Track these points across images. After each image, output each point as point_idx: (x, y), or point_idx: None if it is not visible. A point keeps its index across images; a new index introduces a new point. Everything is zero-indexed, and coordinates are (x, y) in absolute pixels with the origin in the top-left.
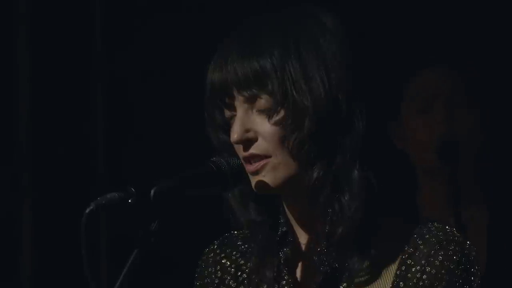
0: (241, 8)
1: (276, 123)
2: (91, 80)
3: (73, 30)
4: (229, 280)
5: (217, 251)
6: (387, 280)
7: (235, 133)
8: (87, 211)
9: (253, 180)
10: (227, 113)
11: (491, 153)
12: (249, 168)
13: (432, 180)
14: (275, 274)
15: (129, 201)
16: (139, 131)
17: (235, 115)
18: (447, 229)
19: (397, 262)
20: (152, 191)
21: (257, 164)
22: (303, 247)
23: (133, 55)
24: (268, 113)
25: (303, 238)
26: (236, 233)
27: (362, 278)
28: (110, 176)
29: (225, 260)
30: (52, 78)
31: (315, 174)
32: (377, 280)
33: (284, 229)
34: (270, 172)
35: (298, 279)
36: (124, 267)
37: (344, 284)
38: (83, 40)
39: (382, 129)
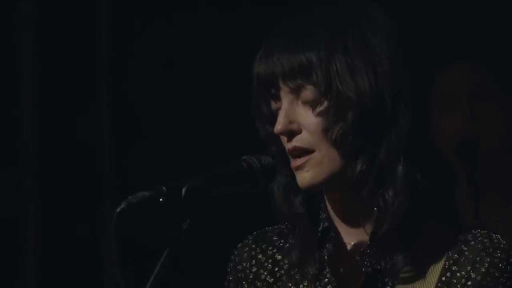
0: (246, 9)
1: (319, 114)
2: (96, 83)
3: (78, 33)
4: (266, 275)
5: (252, 246)
6: (430, 284)
7: (279, 124)
8: (118, 210)
9: (298, 176)
10: (274, 105)
11: None
12: (293, 163)
13: (460, 177)
14: (317, 271)
15: (160, 200)
16: (144, 134)
17: (281, 107)
18: (493, 236)
19: (440, 267)
20: (183, 190)
21: (300, 159)
22: (345, 244)
23: (138, 57)
24: (312, 104)
25: (345, 234)
26: (271, 229)
27: (405, 281)
28: (116, 179)
29: (261, 255)
30: (56, 81)
31: (358, 168)
32: (420, 283)
33: (326, 224)
34: (314, 167)
35: (340, 277)
36: (156, 266)
37: (387, 287)
38: (88, 42)
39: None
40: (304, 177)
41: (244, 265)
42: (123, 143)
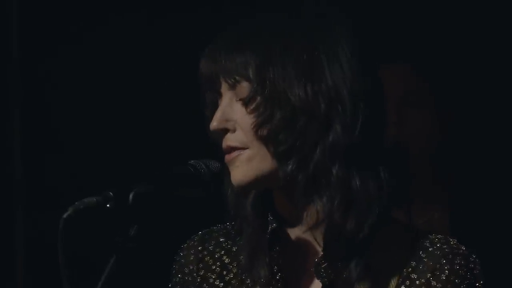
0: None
1: (252, 111)
2: (8, 85)
3: None
4: (215, 279)
5: (199, 248)
6: None
7: (214, 121)
8: (64, 216)
9: (230, 172)
10: (219, 103)
11: (450, 153)
12: (226, 158)
13: None
14: (270, 275)
15: (107, 205)
16: (58, 138)
17: None
18: (451, 241)
19: (398, 275)
20: (130, 195)
21: (232, 154)
22: (295, 246)
23: (52, 59)
24: (246, 101)
25: (293, 236)
26: (216, 229)
27: None
28: (28, 184)
29: (208, 258)
30: None
31: (288, 168)
32: None
33: (274, 225)
34: (244, 163)
35: (294, 282)
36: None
37: None
38: None
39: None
40: (235, 174)
41: (191, 268)
42: (35, 147)
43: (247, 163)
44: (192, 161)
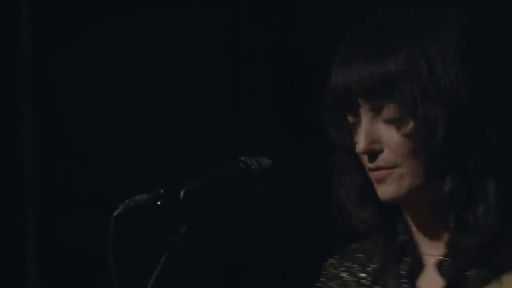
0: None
1: (405, 134)
2: (19, 85)
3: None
4: None
5: (337, 265)
6: None
7: (361, 144)
8: (115, 214)
9: (378, 188)
10: (350, 118)
11: None
12: (374, 175)
13: None
14: (397, 284)
15: (158, 203)
16: (69, 136)
17: (358, 122)
18: None
19: None
20: (182, 192)
21: (381, 171)
22: (424, 257)
23: (65, 61)
24: (396, 123)
25: (425, 247)
26: (355, 246)
27: None
28: (39, 183)
29: (345, 274)
30: None
31: (448, 186)
32: None
33: (405, 237)
34: (396, 181)
35: None
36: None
37: None
38: (10, 44)
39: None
40: (386, 191)
41: (329, 284)
42: (46, 146)
43: (399, 181)
44: (242, 157)
